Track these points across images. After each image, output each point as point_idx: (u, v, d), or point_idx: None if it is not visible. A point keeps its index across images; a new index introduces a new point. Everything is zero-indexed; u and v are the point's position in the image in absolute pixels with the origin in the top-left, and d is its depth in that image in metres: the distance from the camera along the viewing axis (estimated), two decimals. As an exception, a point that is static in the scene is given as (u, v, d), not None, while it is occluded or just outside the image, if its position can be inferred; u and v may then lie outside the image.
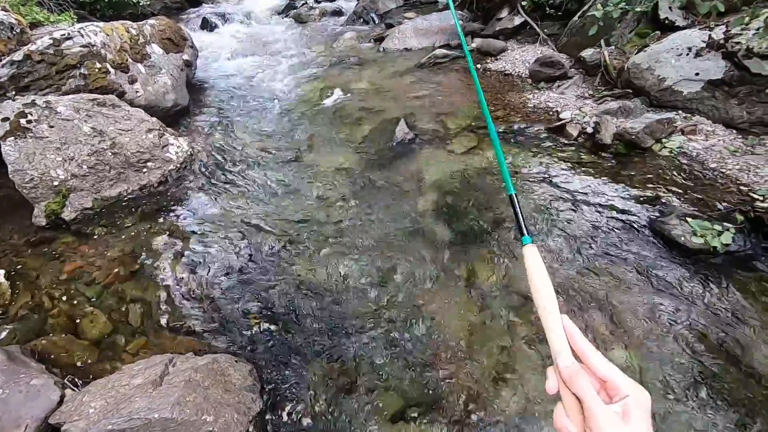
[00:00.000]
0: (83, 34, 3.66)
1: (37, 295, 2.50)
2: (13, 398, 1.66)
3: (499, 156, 0.75)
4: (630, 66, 3.72)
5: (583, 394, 0.52)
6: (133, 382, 1.63)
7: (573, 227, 2.64)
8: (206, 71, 5.58)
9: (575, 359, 0.57)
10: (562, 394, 0.55)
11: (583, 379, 0.53)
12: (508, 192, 0.73)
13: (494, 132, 0.76)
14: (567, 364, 0.56)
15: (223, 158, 3.68)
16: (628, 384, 0.53)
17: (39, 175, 2.90)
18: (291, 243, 2.73)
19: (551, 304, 0.61)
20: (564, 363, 0.56)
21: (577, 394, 0.53)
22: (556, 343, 0.58)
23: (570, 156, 3.25)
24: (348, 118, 4.21)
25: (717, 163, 2.89)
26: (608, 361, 0.55)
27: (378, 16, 7.32)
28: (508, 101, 4.19)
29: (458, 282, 2.41)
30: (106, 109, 3.29)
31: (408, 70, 5.25)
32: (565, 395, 0.55)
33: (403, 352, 2.07)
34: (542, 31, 5.23)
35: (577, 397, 0.53)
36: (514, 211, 0.74)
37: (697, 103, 3.32)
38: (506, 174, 0.74)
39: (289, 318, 2.26)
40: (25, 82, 3.40)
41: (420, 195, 3.07)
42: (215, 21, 7.47)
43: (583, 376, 0.54)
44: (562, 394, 0.56)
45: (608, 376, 0.54)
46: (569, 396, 0.54)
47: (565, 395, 0.55)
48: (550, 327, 0.59)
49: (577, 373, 0.54)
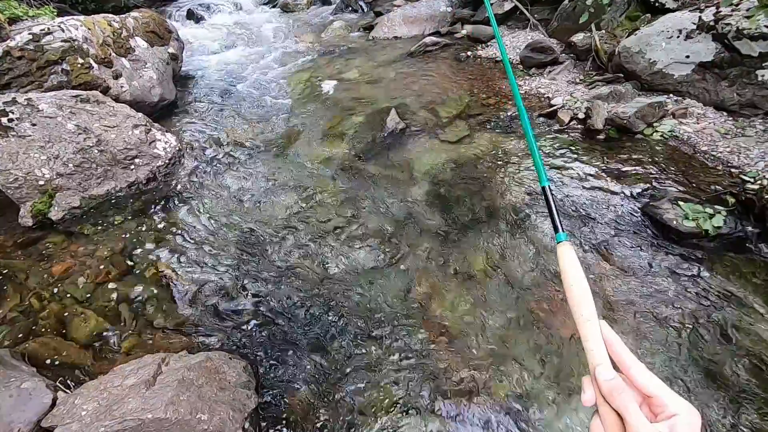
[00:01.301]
0: (64, 28, 3.57)
1: (26, 297, 2.46)
2: (4, 403, 1.64)
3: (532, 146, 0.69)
4: (621, 50, 3.69)
5: (627, 412, 0.48)
6: (125, 382, 1.61)
7: (565, 212, 2.63)
8: (193, 64, 5.48)
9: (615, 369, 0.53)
10: (601, 409, 0.52)
11: (626, 394, 0.49)
12: (541, 183, 0.67)
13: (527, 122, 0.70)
14: (608, 377, 0.51)
15: (213, 152, 3.63)
16: (676, 402, 0.48)
17: (23, 174, 2.84)
18: (283, 237, 2.71)
19: (588, 309, 0.56)
20: (605, 376, 0.52)
21: (618, 411, 0.49)
22: (594, 353, 0.54)
23: (562, 142, 3.23)
24: (338, 108, 4.16)
25: (708, 146, 2.89)
26: (653, 375, 0.51)
27: (366, 5, 7.22)
28: (500, 88, 4.15)
29: (452, 271, 2.40)
30: (90, 105, 3.22)
31: (398, 58, 5.19)
32: (604, 410, 0.51)
33: (399, 346, 2.06)
34: (532, 17, 5.17)
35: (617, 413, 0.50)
36: (547, 204, 0.67)
37: (687, 86, 3.31)
38: (539, 164, 0.67)
39: (284, 313, 2.24)
40: (6, 80, 3.31)
41: (413, 185, 3.05)
42: (201, 12, 7.32)
43: (626, 392, 0.50)
44: (600, 408, 0.52)
45: (654, 392, 0.49)
46: (609, 411, 0.50)
47: (604, 410, 0.51)
48: (588, 335, 0.55)
49: (619, 388, 0.50)
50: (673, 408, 0.48)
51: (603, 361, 0.53)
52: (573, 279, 0.59)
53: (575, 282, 0.58)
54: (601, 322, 0.56)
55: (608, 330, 0.55)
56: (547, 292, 2.21)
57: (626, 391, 0.50)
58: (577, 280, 0.58)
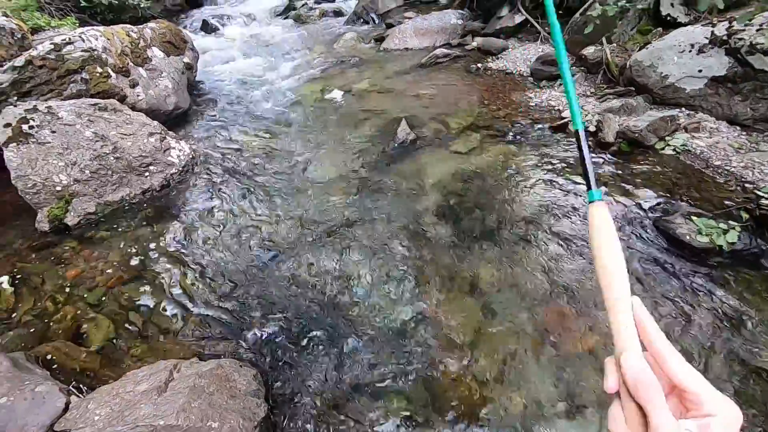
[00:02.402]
0: (84, 38, 3.67)
1: (41, 301, 2.50)
2: (19, 405, 1.66)
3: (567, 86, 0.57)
4: (632, 63, 3.70)
5: (652, 409, 0.42)
6: (137, 388, 1.63)
7: (576, 225, 2.62)
8: (207, 73, 5.59)
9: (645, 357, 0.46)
10: (623, 399, 0.46)
11: (653, 390, 0.43)
12: (574, 126, 0.56)
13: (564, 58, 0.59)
14: (635, 367, 0.45)
15: (225, 160, 3.68)
16: (715, 400, 0.42)
17: (42, 180, 2.90)
18: (292, 247, 2.73)
19: (620, 283, 0.48)
20: (631, 365, 0.45)
21: (642, 405, 0.43)
22: (621, 335, 0.47)
23: (573, 155, 3.23)
24: (349, 118, 4.20)
25: (721, 160, 2.87)
26: (691, 367, 0.45)
27: (378, 16, 7.31)
28: (510, 100, 4.17)
29: (461, 282, 2.39)
30: (107, 113, 3.29)
31: (409, 70, 5.24)
32: (626, 401, 0.45)
33: (408, 355, 2.06)
34: (543, 29, 5.21)
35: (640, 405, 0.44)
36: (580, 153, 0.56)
37: (700, 100, 3.30)
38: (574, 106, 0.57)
39: (293, 321, 2.25)
40: (27, 88, 3.40)
41: (423, 196, 3.06)
42: (215, 23, 7.47)
43: (653, 386, 0.43)
44: (622, 396, 0.46)
45: (691, 387, 0.43)
46: (631, 403, 0.45)
47: (627, 401, 0.45)
48: (617, 313, 0.48)
49: (646, 381, 0.44)
50: (710, 407, 0.42)
51: (631, 347, 0.46)
52: (604, 247, 0.51)
53: (607, 251, 0.50)
54: (634, 299, 0.48)
55: (642, 310, 0.48)
56: (559, 306, 2.20)
57: (654, 386, 0.43)
58: (609, 248, 0.50)
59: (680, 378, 0.44)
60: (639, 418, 0.44)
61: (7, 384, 1.74)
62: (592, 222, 0.53)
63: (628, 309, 0.47)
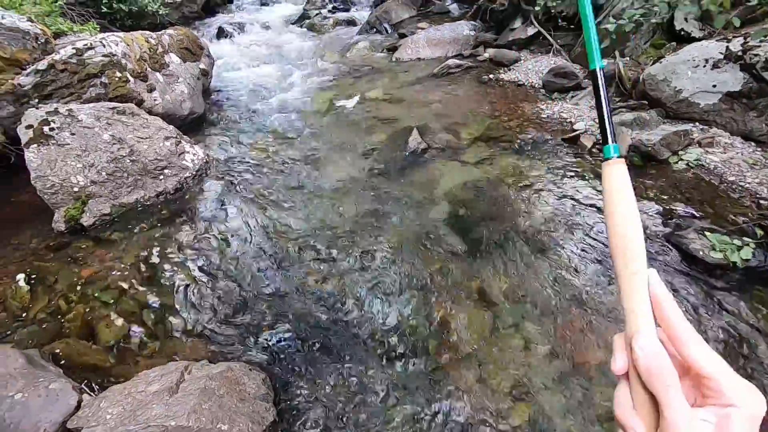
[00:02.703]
0: (105, 44, 3.76)
1: (55, 299, 2.54)
2: (33, 402, 1.68)
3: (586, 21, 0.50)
4: (645, 77, 3.70)
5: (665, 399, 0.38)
6: (149, 388, 1.65)
7: (588, 238, 2.61)
8: (222, 79, 5.68)
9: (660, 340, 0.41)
10: (632, 383, 0.42)
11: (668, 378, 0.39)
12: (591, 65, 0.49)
13: None
14: (648, 350, 0.40)
15: (238, 165, 3.73)
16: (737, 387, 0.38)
17: (60, 181, 2.96)
18: (304, 252, 2.74)
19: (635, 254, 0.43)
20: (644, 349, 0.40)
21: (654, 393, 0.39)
22: (634, 313, 0.42)
23: (584, 167, 3.23)
24: (361, 126, 4.24)
25: (735, 176, 2.85)
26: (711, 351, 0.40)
27: (391, 26, 7.40)
28: (522, 111, 4.18)
29: (470, 293, 2.39)
30: (125, 117, 3.36)
31: (421, 79, 5.28)
32: (635, 385, 0.41)
33: (418, 367, 2.06)
34: (555, 42, 5.23)
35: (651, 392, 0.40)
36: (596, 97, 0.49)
37: (714, 115, 3.29)
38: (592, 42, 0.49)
39: (302, 327, 2.26)
40: (48, 90, 3.49)
41: (433, 205, 3.07)
42: (231, 30, 7.61)
43: (668, 374, 0.39)
44: (631, 381, 0.42)
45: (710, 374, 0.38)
46: (641, 389, 0.40)
47: (636, 385, 0.41)
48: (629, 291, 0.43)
49: (659, 368, 0.39)
50: (732, 396, 0.37)
51: (644, 328, 0.41)
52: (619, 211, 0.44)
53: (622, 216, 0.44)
54: (650, 272, 0.43)
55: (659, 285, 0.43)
56: (568, 319, 2.18)
57: (669, 373, 0.39)
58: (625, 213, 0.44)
59: (699, 363, 0.39)
60: (649, 404, 0.40)
61: (22, 380, 1.77)
62: (608, 182, 0.47)
63: (643, 284, 0.43)
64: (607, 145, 0.47)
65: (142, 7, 6.83)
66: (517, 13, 6.04)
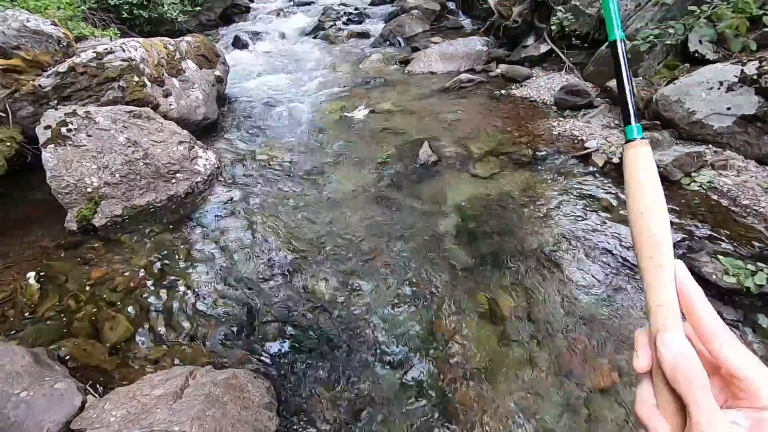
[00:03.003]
0: (125, 48, 3.84)
1: (64, 298, 2.56)
2: (38, 401, 1.68)
3: None
4: (658, 98, 3.69)
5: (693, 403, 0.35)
6: (154, 392, 1.64)
7: (597, 257, 2.59)
8: (236, 87, 5.76)
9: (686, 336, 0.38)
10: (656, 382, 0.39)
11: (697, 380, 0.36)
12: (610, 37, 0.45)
13: None
14: (675, 350, 0.37)
15: (249, 172, 3.76)
16: None
17: (74, 181, 3.00)
18: (312, 260, 2.75)
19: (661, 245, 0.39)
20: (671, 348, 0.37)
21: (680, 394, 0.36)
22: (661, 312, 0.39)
23: (596, 185, 3.21)
24: (372, 137, 4.26)
25: (749, 200, 2.82)
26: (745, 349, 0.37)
27: (404, 40, 7.48)
28: (533, 128, 4.19)
29: (478, 308, 2.37)
30: (141, 120, 3.41)
31: (432, 93, 5.32)
32: (660, 385, 0.39)
33: (422, 381, 2.03)
34: (568, 60, 5.25)
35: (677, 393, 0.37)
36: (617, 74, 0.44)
37: (728, 137, 3.27)
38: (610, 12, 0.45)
39: (308, 336, 2.25)
40: (67, 92, 3.57)
41: (442, 218, 3.07)
42: (247, 39, 7.73)
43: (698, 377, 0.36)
44: (655, 381, 0.39)
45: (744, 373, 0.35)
46: (666, 389, 0.38)
47: (661, 385, 0.38)
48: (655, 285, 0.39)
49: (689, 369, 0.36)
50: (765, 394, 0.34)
51: (672, 326, 0.38)
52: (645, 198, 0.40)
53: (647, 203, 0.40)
54: (678, 263, 0.39)
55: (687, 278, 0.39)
56: (576, 340, 2.15)
57: (699, 376, 0.36)
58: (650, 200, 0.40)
59: (731, 361, 0.36)
60: (674, 405, 0.37)
61: (27, 379, 1.77)
62: (631, 166, 0.42)
63: (669, 277, 0.39)
64: (630, 125, 0.43)
65: (161, 14, 6.99)
66: (530, 30, 6.08)
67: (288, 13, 9.97)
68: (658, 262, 0.39)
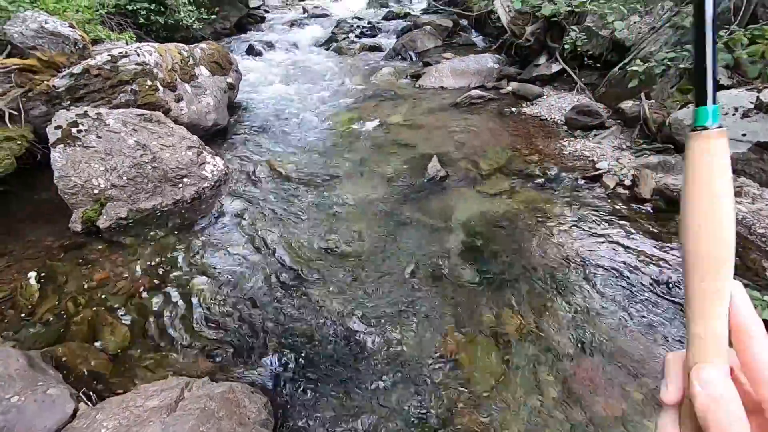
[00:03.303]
0: (139, 53, 3.87)
1: (63, 300, 2.53)
2: (29, 407, 1.64)
3: None
4: (672, 121, 3.65)
5: None
6: (147, 403, 1.59)
7: (607, 281, 2.53)
8: (248, 94, 5.79)
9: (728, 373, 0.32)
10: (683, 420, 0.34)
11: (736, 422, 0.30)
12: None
13: None
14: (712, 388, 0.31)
15: (256, 180, 3.74)
16: None
17: (81, 182, 2.99)
18: (316, 273, 2.70)
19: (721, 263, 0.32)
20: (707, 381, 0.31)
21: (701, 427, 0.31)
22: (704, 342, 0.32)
23: (606, 208, 3.16)
24: (381, 150, 4.25)
25: (765, 228, 2.75)
26: None
27: (416, 54, 7.52)
28: (543, 146, 4.16)
29: (484, 329, 2.31)
30: (151, 124, 3.42)
31: (443, 108, 5.31)
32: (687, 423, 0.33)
33: (424, 399, 1.97)
34: (580, 80, 5.24)
35: None
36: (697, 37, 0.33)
37: (743, 164, 3.21)
38: None
39: (308, 352, 2.19)
40: (80, 94, 3.59)
41: (449, 234, 3.02)
42: (260, 48, 7.82)
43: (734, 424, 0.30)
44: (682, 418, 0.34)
45: None
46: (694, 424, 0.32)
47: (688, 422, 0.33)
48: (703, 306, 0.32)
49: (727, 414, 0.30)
50: None
51: (715, 358, 0.32)
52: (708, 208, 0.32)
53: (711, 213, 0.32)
54: (735, 284, 0.32)
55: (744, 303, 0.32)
56: (584, 365, 2.08)
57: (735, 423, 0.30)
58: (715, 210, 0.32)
59: None
60: None
61: (20, 383, 1.73)
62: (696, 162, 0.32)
63: (723, 302, 0.32)
64: (704, 106, 0.32)
65: (177, 21, 7.09)
66: (542, 49, 6.10)
67: (302, 25, 10.10)
68: (714, 286, 0.32)
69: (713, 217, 0.32)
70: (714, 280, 0.32)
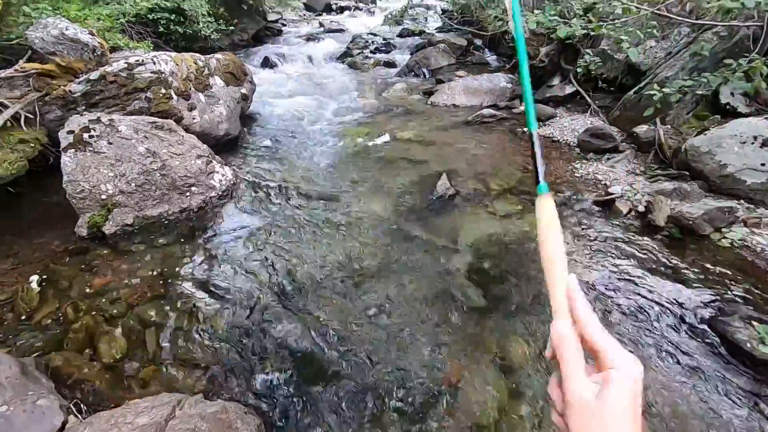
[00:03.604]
0: (155, 61, 3.92)
1: (63, 306, 2.50)
2: (17, 418, 1.60)
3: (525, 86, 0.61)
4: (688, 147, 3.58)
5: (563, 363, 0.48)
6: (137, 420, 1.54)
7: (620, 313, 2.44)
8: (261, 105, 5.84)
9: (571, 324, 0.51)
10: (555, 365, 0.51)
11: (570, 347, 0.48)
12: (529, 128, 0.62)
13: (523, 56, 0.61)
14: (557, 329, 0.50)
15: (264, 191, 3.72)
16: (618, 355, 0.46)
17: (90, 187, 3.00)
18: (319, 290, 2.65)
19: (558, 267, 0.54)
20: (556, 326, 0.51)
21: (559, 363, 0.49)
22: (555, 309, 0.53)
23: (619, 235, 3.08)
24: (390, 165, 4.22)
25: (785, 262, 2.65)
26: (603, 329, 0.49)
27: (429, 71, 7.56)
28: (555, 168, 4.10)
29: (490, 358, 2.23)
30: (162, 132, 3.43)
31: (454, 125, 5.29)
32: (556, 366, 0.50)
33: (424, 427, 1.89)
34: (594, 102, 5.20)
35: None
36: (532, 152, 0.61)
37: (762, 194, 3.12)
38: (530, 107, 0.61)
39: (306, 372, 2.13)
40: (96, 99, 3.63)
41: (456, 254, 2.96)
42: (276, 60, 7.93)
43: (568, 342, 0.49)
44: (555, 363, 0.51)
45: (599, 345, 0.47)
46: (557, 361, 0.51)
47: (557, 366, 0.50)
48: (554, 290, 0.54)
49: (565, 340, 0.49)
50: (613, 361, 0.46)
51: (561, 315, 0.52)
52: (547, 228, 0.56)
53: (549, 231, 0.56)
54: (570, 276, 0.54)
55: (575, 285, 0.53)
56: (594, 399, 1.98)
57: (570, 343, 0.49)
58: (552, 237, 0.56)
59: (593, 339, 0.48)
60: None
61: (11, 392, 1.69)
62: (541, 211, 0.58)
63: (563, 285, 0.53)
64: (540, 184, 0.59)
65: (195, 31, 7.22)
66: (556, 70, 6.09)
67: (318, 39, 10.24)
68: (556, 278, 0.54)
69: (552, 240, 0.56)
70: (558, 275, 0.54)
